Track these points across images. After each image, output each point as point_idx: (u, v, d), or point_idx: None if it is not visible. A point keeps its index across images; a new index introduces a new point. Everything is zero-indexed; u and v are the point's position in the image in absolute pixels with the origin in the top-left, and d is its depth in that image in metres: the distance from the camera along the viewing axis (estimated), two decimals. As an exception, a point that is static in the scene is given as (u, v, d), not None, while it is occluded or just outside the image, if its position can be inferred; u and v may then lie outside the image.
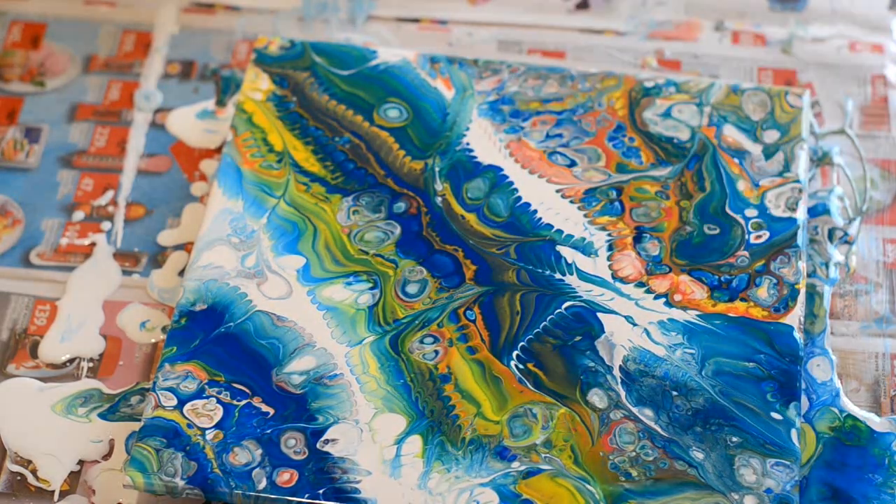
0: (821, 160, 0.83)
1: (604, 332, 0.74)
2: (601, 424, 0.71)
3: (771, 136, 0.81)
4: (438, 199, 0.79)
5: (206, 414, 0.71)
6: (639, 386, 0.72)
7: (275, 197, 0.79)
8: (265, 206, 0.78)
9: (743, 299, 0.75)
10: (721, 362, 0.73)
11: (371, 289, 0.76)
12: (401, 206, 0.79)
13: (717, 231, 0.77)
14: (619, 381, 0.73)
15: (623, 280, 0.76)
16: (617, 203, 0.79)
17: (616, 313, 0.75)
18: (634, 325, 0.74)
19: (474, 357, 0.73)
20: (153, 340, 0.77)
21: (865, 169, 0.83)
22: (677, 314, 0.75)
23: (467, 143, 0.81)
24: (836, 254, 0.80)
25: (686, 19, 0.91)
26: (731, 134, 0.81)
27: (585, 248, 0.77)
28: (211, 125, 0.85)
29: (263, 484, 0.69)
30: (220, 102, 0.86)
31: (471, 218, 0.78)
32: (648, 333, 0.74)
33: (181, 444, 0.70)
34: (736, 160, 0.80)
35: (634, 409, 0.72)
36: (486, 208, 0.79)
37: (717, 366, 0.73)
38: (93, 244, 0.81)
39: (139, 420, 0.73)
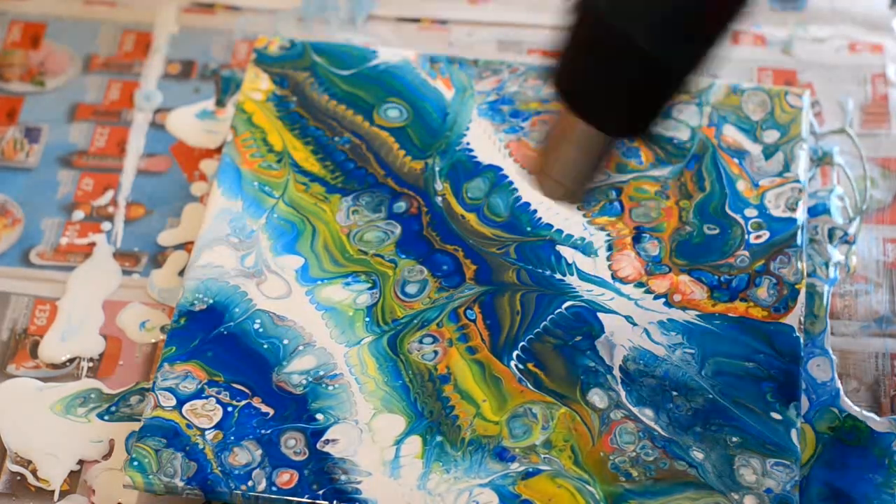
0: (821, 160, 0.83)
1: (604, 331, 0.74)
2: (601, 424, 0.71)
3: (771, 136, 0.81)
4: (438, 199, 0.79)
5: (205, 414, 0.71)
6: (639, 386, 0.72)
7: (274, 197, 0.79)
8: (264, 207, 0.78)
9: (743, 299, 0.75)
10: (721, 362, 0.73)
11: (370, 289, 0.76)
12: (401, 205, 0.79)
13: (717, 231, 0.77)
14: (619, 381, 0.73)
15: (623, 280, 0.76)
16: (616, 203, 0.79)
17: (616, 313, 0.75)
18: (634, 325, 0.74)
19: (474, 357, 0.73)
20: (153, 340, 0.77)
21: (866, 168, 0.83)
22: (677, 314, 0.75)
23: (467, 143, 0.81)
24: (836, 253, 0.80)
25: (686, 19, 0.91)
26: (731, 134, 0.81)
27: (585, 249, 0.77)
28: (211, 125, 0.85)
29: (263, 485, 0.69)
30: (220, 102, 0.86)
31: (471, 218, 0.78)
32: (648, 333, 0.74)
33: (181, 444, 0.71)
34: (736, 160, 0.80)
35: (634, 409, 0.72)
36: (486, 208, 0.79)
37: (716, 366, 0.73)
38: (93, 244, 0.81)
39: (139, 420, 0.73)
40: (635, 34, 0.61)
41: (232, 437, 0.71)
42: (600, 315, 0.75)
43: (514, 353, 0.73)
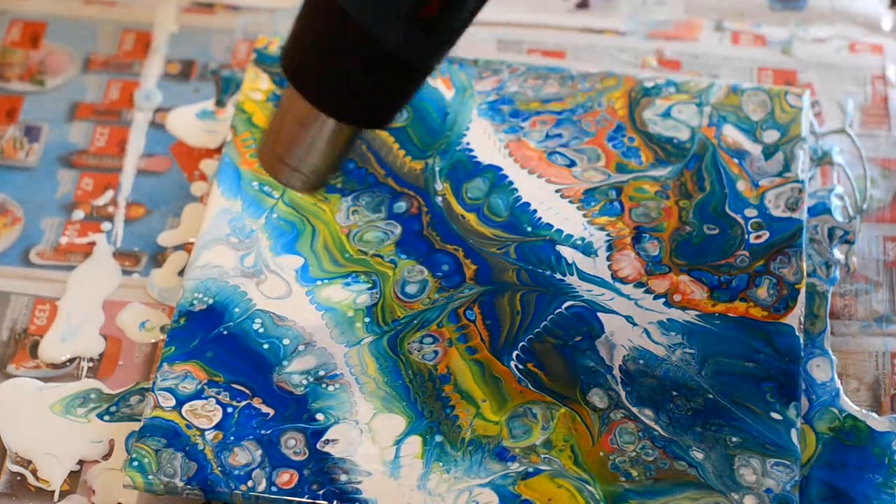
0: (821, 160, 0.83)
1: (604, 331, 0.74)
2: (601, 424, 0.71)
3: (771, 136, 0.81)
4: (439, 199, 0.79)
5: (205, 415, 0.71)
6: (639, 386, 0.72)
7: (273, 197, 0.79)
8: (264, 206, 0.78)
9: (743, 299, 0.75)
10: (721, 362, 0.73)
11: (370, 289, 0.76)
12: (401, 205, 0.79)
13: (717, 231, 0.77)
14: (619, 381, 0.73)
15: (623, 280, 0.76)
16: (616, 203, 0.79)
17: (616, 313, 0.75)
18: (634, 325, 0.74)
19: (474, 357, 0.73)
20: (153, 340, 0.77)
21: (866, 168, 0.83)
22: (677, 314, 0.75)
23: (467, 143, 0.81)
24: (836, 253, 0.80)
25: (686, 19, 0.91)
26: (731, 134, 0.81)
27: (585, 249, 0.77)
28: (211, 125, 0.85)
29: (263, 485, 0.69)
30: (220, 102, 0.86)
31: (471, 218, 0.78)
32: (648, 333, 0.74)
33: (181, 444, 0.70)
34: (736, 160, 0.80)
35: (634, 409, 0.72)
36: (486, 208, 0.79)
37: (716, 366, 0.73)
38: (93, 243, 0.81)
39: (139, 420, 0.73)
40: (368, 26, 0.58)
41: (232, 438, 0.71)
42: (600, 315, 0.75)
43: (514, 353, 0.73)
